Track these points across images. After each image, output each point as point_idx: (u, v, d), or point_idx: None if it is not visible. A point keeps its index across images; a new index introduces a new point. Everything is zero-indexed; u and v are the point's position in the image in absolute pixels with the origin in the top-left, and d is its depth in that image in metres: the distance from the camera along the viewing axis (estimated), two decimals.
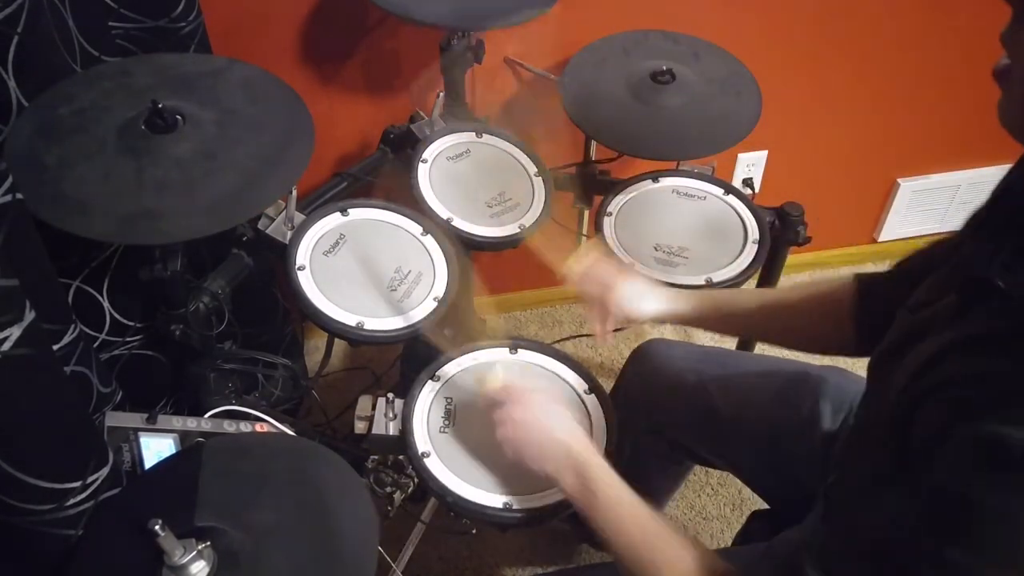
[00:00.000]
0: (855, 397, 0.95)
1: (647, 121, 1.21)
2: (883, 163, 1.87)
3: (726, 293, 1.06)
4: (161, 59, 1.06)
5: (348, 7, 1.37)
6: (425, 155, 1.19)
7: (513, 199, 1.18)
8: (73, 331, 0.85)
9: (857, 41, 1.60)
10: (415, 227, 1.09)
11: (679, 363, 1.09)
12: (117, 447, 0.91)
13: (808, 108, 1.70)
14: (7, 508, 0.73)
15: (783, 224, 1.25)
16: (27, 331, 0.67)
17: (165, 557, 0.67)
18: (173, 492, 0.78)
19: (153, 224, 0.85)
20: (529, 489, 0.87)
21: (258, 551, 0.71)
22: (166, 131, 0.91)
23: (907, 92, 1.71)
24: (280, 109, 1.00)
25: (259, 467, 0.81)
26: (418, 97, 1.30)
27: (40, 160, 0.87)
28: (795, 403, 0.97)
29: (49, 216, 0.83)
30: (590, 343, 1.90)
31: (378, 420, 0.96)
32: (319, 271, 1.00)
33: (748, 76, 1.26)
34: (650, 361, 1.13)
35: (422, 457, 0.89)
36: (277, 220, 1.06)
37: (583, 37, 1.32)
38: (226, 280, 1.06)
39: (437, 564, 1.47)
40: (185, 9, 1.10)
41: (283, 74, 1.04)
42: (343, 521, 0.76)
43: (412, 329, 0.99)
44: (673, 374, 1.08)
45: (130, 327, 1.11)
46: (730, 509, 1.58)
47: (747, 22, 1.51)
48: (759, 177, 1.79)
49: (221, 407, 0.99)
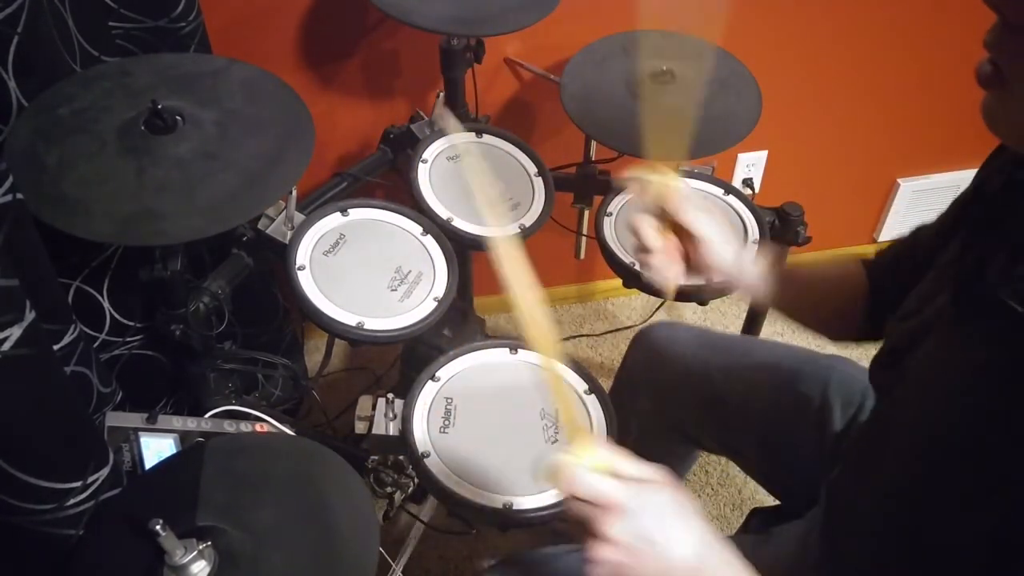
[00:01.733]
0: (864, 387, 0.94)
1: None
2: (883, 163, 1.87)
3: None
4: (161, 59, 1.06)
5: (348, 7, 1.37)
6: (425, 155, 1.19)
7: (513, 199, 1.18)
8: (73, 331, 0.85)
9: (857, 41, 1.60)
10: (415, 227, 1.09)
11: (683, 348, 1.08)
12: (117, 447, 0.91)
13: (808, 108, 1.70)
14: (7, 508, 0.73)
15: (783, 224, 1.25)
16: (27, 331, 0.67)
17: (166, 557, 0.68)
18: (173, 492, 0.78)
19: (153, 225, 0.85)
20: (529, 489, 0.87)
21: (258, 551, 0.71)
22: (166, 131, 0.91)
23: (907, 92, 1.71)
24: (280, 109, 1.00)
25: (259, 467, 0.81)
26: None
27: (40, 160, 0.87)
28: (802, 392, 0.96)
29: (49, 216, 0.83)
30: (590, 343, 1.90)
31: (378, 420, 0.96)
32: (319, 271, 1.00)
33: (748, 76, 1.26)
34: (654, 344, 1.12)
35: (422, 457, 0.89)
36: (277, 220, 1.06)
37: (583, 37, 1.32)
38: (226, 280, 1.06)
39: (437, 564, 1.48)
40: (185, 9, 1.10)
41: (283, 74, 1.04)
42: (343, 521, 0.76)
43: (412, 329, 0.99)
44: (677, 359, 1.07)
45: (130, 327, 1.11)
46: (730, 509, 1.58)
47: (747, 22, 1.51)
48: (759, 177, 1.79)
49: (221, 407, 0.99)
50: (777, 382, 0.99)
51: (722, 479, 1.61)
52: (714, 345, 1.08)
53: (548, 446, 0.91)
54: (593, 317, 1.97)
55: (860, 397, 0.94)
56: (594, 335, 1.91)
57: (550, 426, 0.92)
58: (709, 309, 1.97)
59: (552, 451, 0.91)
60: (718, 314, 1.97)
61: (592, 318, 1.96)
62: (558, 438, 0.92)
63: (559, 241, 1.65)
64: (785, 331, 1.91)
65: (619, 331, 1.92)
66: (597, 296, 1.99)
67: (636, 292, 1.32)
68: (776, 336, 1.90)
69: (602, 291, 1.98)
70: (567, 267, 1.89)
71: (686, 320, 1.96)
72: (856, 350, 0.93)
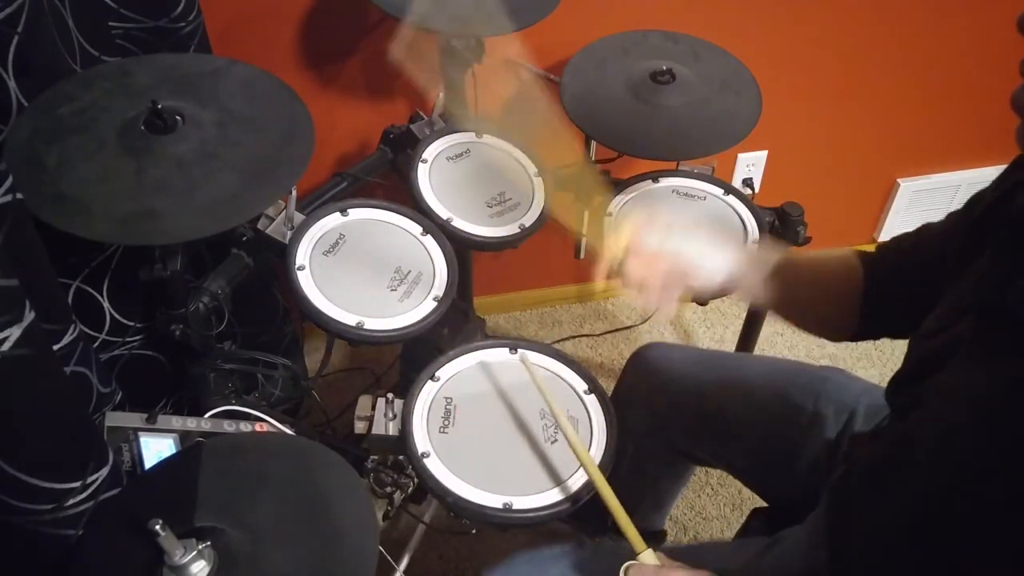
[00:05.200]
0: (857, 397, 0.94)
1: (647, 121, 1.21)
2: (883, 163, 1.87)
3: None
4: (161, 59, 1.06)
5: (348, 7, 1.37)
6: (425, 155, 1.19)
7: (513, 199, 1.18)
8: (73, 331, 0.85)
9: (857, 41, 1.60)
10: (415, 227, 1.09)
11: (678, 366, 1.09)
12: (117, 447, 0.91)
13: (808, 108, 1.70)
14: (7, 508, 0.73)
15: (783, 224, 1.25)
16: (27, 331, 0.67)
17: (165, 557, 0.68)
18: (173, 492, 0.78)
19: (153, 224, 0.85)
20: (529, 489, 0.87)
21: (258, 551, 0.71)
22: (166, 131, 0.91)
23: (907, 92, 1.71)
24: (280, 109, 1.00)
25: (259, 467, 0.81)
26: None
27: (40, 160, 0.87)
28: (796, 404, 0.97)
29: (49, 216, 0.83)
30: (590, 343, 1.90)
31: (378, 420, 0.96)
32: (319, 271, 1.00)
33: (748, 76, 1.26)
34: (649, 365, 1.12)
35: (422, 457, 0.89)
36: (277, 220, 1.06)
37: (583, 37, 1.32)
38: (226, 280, 1.06)
39: (437, 564, 1.47)
40: (185, 9, 1.10)
41: (283, 74, 1.04)
42: (343, 521, 0.76)
43: (412, 329, 0.99)
44: (673, 378, 1.08)
45: (130, 327, 1.11)
46: (730, 509, 1.58)
47: (747, 22, 1.51)
48: (759, 177, 1.79)
49: (221, 407, 0.99)
50: (769, 394, 1.00)
51: (722, 479, 1.61)
52: (707, 363, 1.09)
53: (548, 446, 0.91)
54: (593, 317, 1.97)
55: (853, 404, 0.94)
56: (594, 335, 1.91)
57: (550, 426, 0.92)
58: (709, 309, 1.97)
59: (552, 451, 0.91)
60: (718, 314, 1.97)
61: (592, 318, 1.96)
62: (557, 438, 0.92)
63: (559, 241, 1.65)
64: (785, 331, 1.91)
65: (619, 331, 1.92)
66: (597, 296, 1.99)
67: None
68: (776, 336, 1.91)
69: (602, 291, 1.98)
70: (567, 267, 1.89)
71: (686, 319, 1.96)
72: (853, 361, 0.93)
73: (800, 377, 1.00)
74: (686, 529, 1.55)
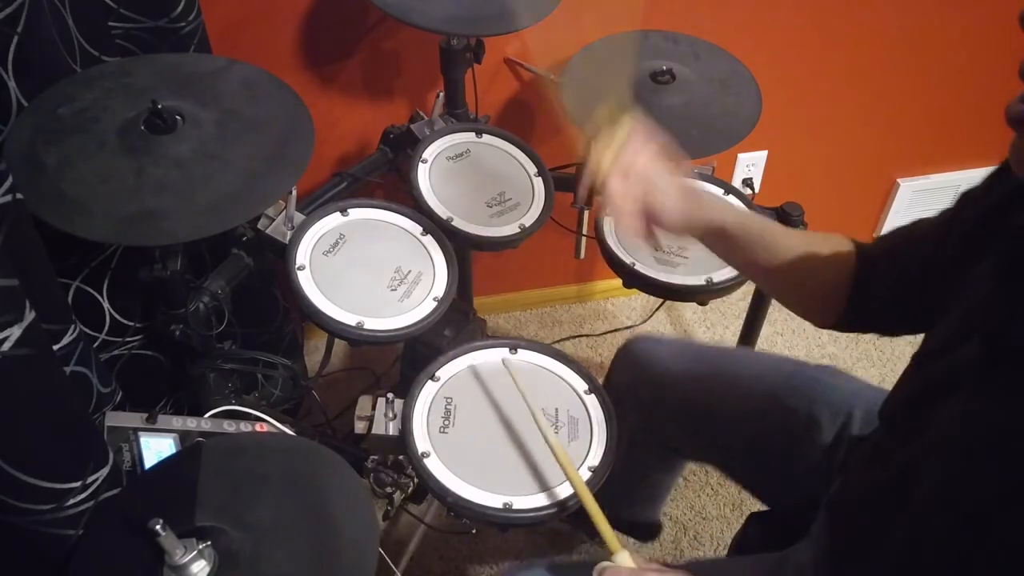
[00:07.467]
0: (852, 399, 0.93)
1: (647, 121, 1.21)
2: (883, 163, 1.87)
3: (747, 225, 0.87)
4: (161, 59, 1.06)
5: (348, 7, 1.37)
6: (425, 155, 1.19)
7: (513, 199, 1.18)
8: (73, 331, 0.85)
9: (857, 41, 1.60)
10: (415, 227, 1.09)
11: (666, 361, 1.07)
12: (117, 447, 0.91)
13: (808, 108, 1.70)
14: (7, 508, 0.73)
15: (783, 224, 1.25)
16: (27, 331, 0.67)
17: (166, 557, 0.68)
18: (173, 492, 0.78)
19: (153, 224, 0.85)
20: (529, 489, 0.87)
21: (258, 551, 0.71)
22: (166, 131, 0.91)
23: (907, 92, 1.71)
24: (280, 109, 1.00)
25: (259, 467, 0.81)
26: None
27: (40, 160, 0.87)
28: (789, 404, 0.96)
29: (49, 216, 0.83)
30: (590, 343, 1.91)
31: (378, 420, 0.96)
32: (319, 271, 1.00)
33: (748, 76, 1.26)
34: (636, 360, 1.11)
35: (422, 457, 0.89)
36: (277, 220, 1.06)
37: (583, 37, 1.32)
38: (226, 280, 1.06)
39: (437, 564, 1.48)
40: (185, 9, 1.10)
41: (283, 74, 1.04)
42: (343, 521, 0.76)
43: (412, 329, 0.99)
44: (659, 373, 1.06)
45: (130, 327, 1.11)
46: (730, 509, 1.58)
47: (747, 22, 1.51)
48: (759, 177, 1.79)
49: (221, 407, 0.99)
50: (762, 396, 0.98)
51: (722, 479, 1.61)
52: (696, 357, 1.07)
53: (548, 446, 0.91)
54: (593, 317, 1.97)
55: (849, 407, 0.93)
56: (594, 335, 1.92)
57: (550, 426, 0.92)
58: (709, 309, 1.97)
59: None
60: (718, 314, 1.97)
61: (592, 318, 1.96)
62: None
63: (559, 241, 1.65)
64: (785, 331, 1.91)
65: (619, 331, 1.92)
66: (597, 296, 1.99)
67: (636, 292, 1.31)
68: (776, 336, 1.91)
69: (602, 291, 1.98)
70: (567, 267, 1.89)
71: (686, 319, 1.96)
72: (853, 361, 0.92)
73: (793, 378, 0.98)
74: (686, 529, 1.55)
